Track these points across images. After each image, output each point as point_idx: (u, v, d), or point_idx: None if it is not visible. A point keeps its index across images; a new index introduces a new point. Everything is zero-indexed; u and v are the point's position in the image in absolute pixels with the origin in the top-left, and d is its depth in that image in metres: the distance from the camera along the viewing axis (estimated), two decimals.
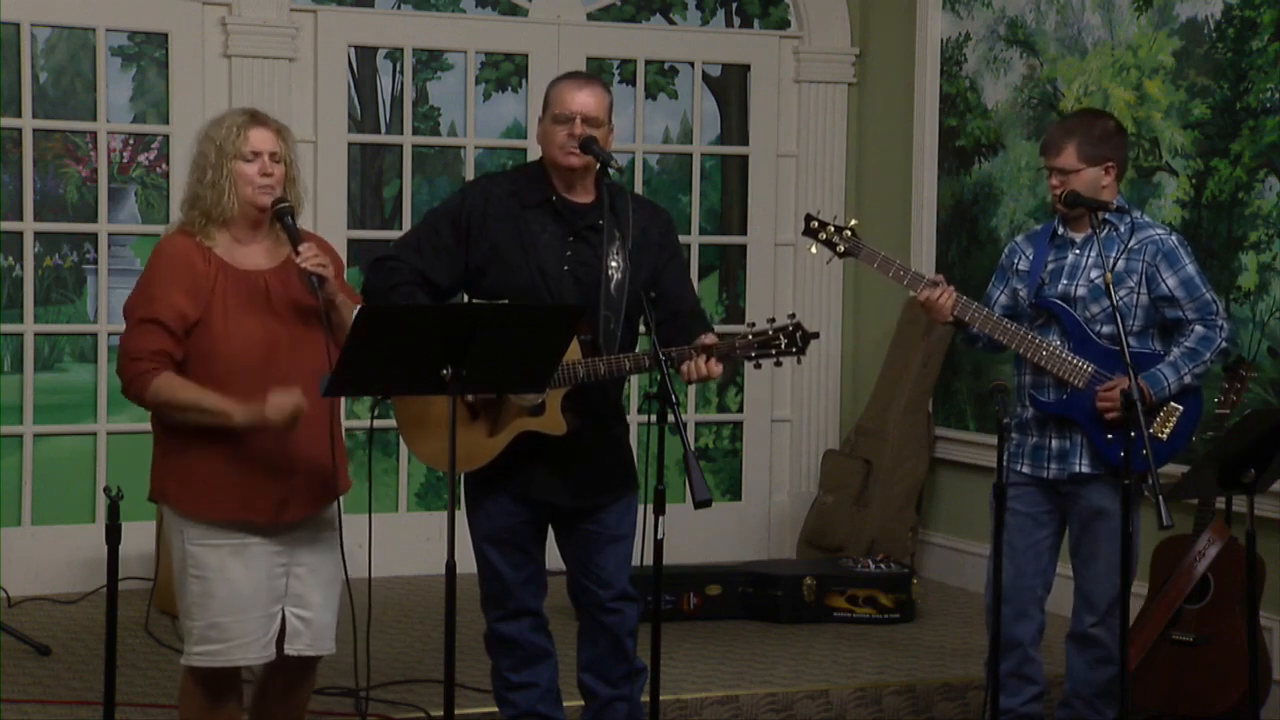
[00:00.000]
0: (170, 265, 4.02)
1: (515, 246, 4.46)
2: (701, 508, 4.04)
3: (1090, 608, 4.91)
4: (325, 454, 4.07)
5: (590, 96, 4.45)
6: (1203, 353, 4.80)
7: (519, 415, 4.43)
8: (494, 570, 4.58)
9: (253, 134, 4.03)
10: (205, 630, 4.02)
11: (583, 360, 4.35)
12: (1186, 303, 4.81)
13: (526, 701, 4.65)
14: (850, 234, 4.92)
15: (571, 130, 4.41)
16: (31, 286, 6.71)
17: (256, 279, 4.05)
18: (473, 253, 4.49)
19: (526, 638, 4.62)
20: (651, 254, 4.53)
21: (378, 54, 7.21)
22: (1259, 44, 5.80)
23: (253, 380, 3.95)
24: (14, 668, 5.52)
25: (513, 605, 4.59)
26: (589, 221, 4.49)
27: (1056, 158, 4.85)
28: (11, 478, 6.69)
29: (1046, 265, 4.92)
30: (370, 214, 7.20)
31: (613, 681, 4.63)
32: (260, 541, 4.03)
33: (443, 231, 4.50)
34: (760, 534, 7.72)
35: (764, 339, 4.33)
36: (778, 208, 7.68)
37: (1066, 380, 4.81)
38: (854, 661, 5.95)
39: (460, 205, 4.54)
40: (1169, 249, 4.84)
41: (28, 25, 6.66)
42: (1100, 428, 4.78)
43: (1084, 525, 4.90)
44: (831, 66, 7.71)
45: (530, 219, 4.49)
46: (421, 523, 7.18)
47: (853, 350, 7.75)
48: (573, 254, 4.47)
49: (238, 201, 4.03)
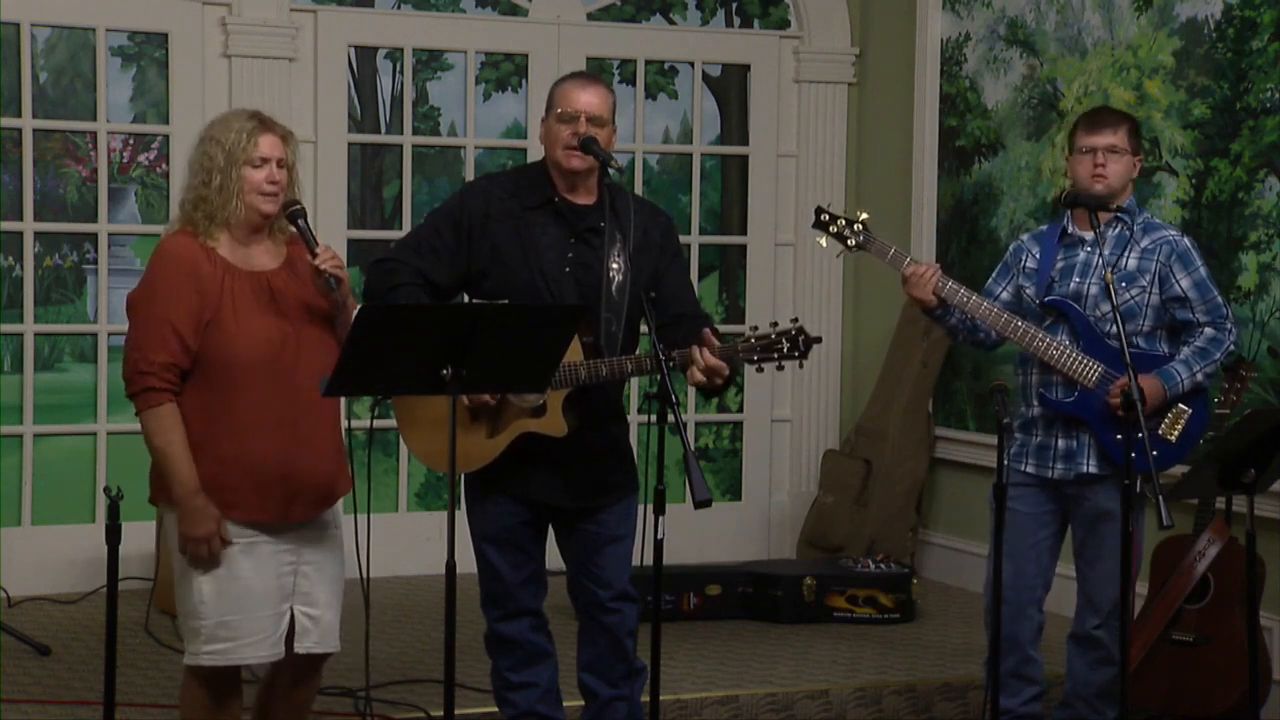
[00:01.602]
0: (177, 266, 4.02)
1: (516, 248, 4.46)
2: (701, 508, 4.03)
3: (1094, 609, 4.91)
4: (330, 455, 4.11)
5: (595, 96, 4.44)
6: (1213, 353, 4.80)
7: (519, 416, 4.43)
8: (494, 570, 4.57)
9: (262, 140, 4.05)
10: (214, 629, 4.02)
11: (585, 362, 4.35)
12: (1198, 304, 4.81)
13: (526, 701, 4.64)
14: (862, 227, 4.89)
15: (575, 129, 4.41)
16: (31, 286, 6.71)
17: (261, 279, 4.07)
18: (474, 254, 4.47)
19: (526, 638, 4.62)
20: (652, 255, 4.52)
21: (378, 54, 7.21)
22: (1259, 44, 5.80)
23: (263, 380, 3.98)
24: (14, 668, 5.52)
25: (512, 605, 4.59)
26: (590, 223, 4.48)
27: (1113, 135, 4.82)
28: (11, 478, 6.69)
29: (1056, 264, 4.91)
30: (370, 214, 7.20)
31: (613, 681, 4.63)
32: (267, 540, 4.04)
33: (443, 232, 4.49)
34: (760, 534, 7.72)
35: (766, 342, 4.30)
36: (778, 208, 7.68)
37: (1076, 380, 4.81)
38: (854, 661, 5.95)
39: (460, 206, 4.52)
40: (1183, 250, 4.84)
41: (28, 25, 6.66)
42: (1109, 428, 4.76)
43: (1089, 527, 4.89)
44: (831, 66, 7.71)
45: (532, 220, 4.48)
46: (421, 523, 7.18)
47: (853, 350, 7.75)
48: (574, 256, 4.46)
49: (244, 207, 4.04)
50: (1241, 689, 5.08)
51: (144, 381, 3.95)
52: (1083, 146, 4.84)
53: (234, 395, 3.97)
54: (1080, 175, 4.85)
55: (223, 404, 3.99)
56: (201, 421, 3.98)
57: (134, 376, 3.97)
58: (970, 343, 5.05)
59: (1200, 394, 4.83)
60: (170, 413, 3.96)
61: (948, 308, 4.87)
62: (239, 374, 3.97)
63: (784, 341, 4.29)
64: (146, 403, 3.96)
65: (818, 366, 7.69)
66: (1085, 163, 4.83)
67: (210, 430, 3.98)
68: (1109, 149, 4.81)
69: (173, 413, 3.96)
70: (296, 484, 4.04)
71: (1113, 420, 4.73)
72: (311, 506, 4.10)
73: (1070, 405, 4.83)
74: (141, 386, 3.95)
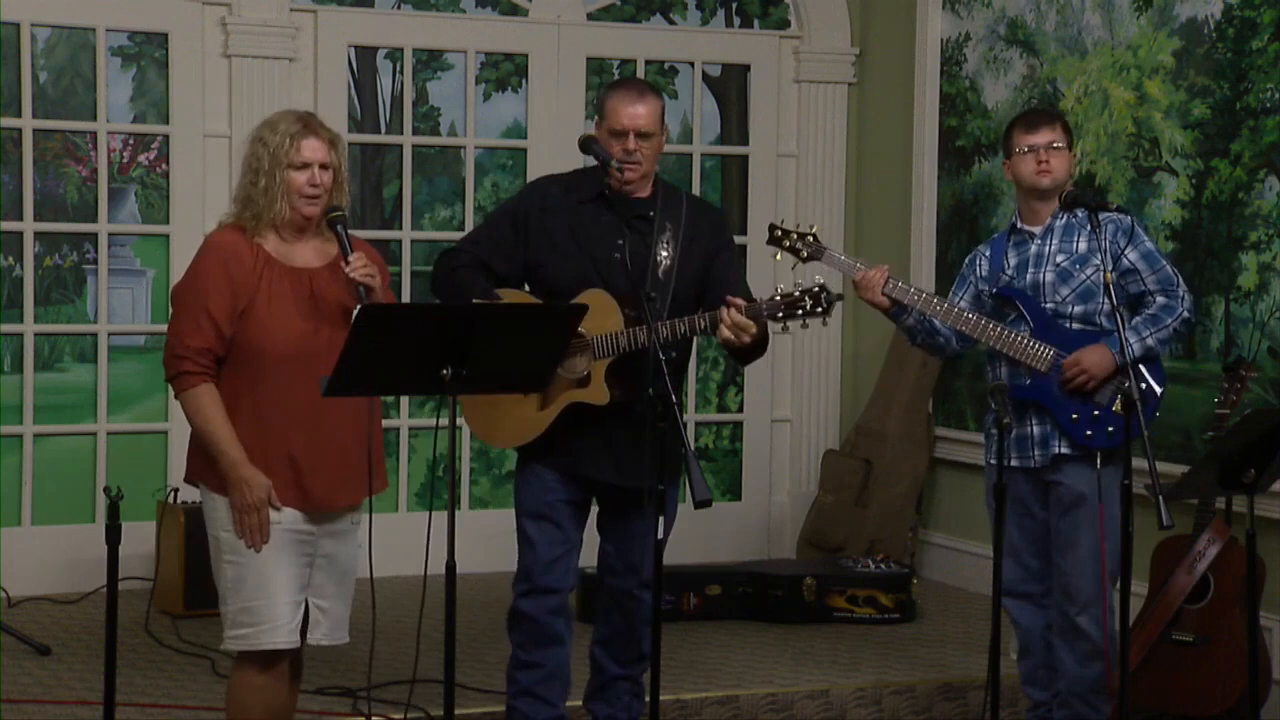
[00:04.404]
0: (217, 256, 4.11)
1: (569, 238, 4.66)
2: (701, 508, 4.09)
3: (1069, 598, 4.91)
4: (361, 450, 4.16)
5: (642, 107, 4.64)
6: (1164, 319, 4.84)
7: (568, 387, 4.57)
8: (529, 543, 4.72)
9: (305, 144, 4.12)
10: (237, 614, 4.10)
11: (624, 330, 4.52)
12: (1148, 275, 4.87)
13: (527, 680, 4.77)
14: (813, 239, 5.00)
15: (625, 145, 4.61)
16: (31, 286, 6.71)
17: (303, 276, 4.15)
18: (531, 247, 4.69)
19: (544, 618, 4.73)
20: (701, 245, 4.71)
21: (378, 54, 7.21)
22: (1259, 44, 5.80)
23: (290, 372, 4.05)
24: (14, 668, 5.52)
25: (538, 581, 4.72)
26: (640, 211, 4.68)
27: (1050, 131, 4.91)
28: (11, 478, 6.69)
29: (1009, 261, 4.98)
30: (370, 214, 7.20)
31: (622, 662, 4.82)
32: (288, 529, 4.09)
33: (502, 227, 4.75)
34: (760, 534, 7.72)
35: (790, 300, 4.47)
36: (778, 208, 7.67)
37: (1030, 365, 4.85)
38: (854, 661, 5.95)
39: (519, 204, 4.80)
40: (1128, 227, 4.91)
41: (28, 25, 6.66)
42: (1065, 407, 4.82)
43: (1064, 513, 4.90)
44: (831, 66, 7.71)
45: (585, 212, 4.69)
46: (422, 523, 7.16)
47: (853, 350, 7.75)
48: (625, 242, 4.62)
49: (288, 209, 4.13)
50: (1241, 689, 5.08)
51: (180, 365, 4.06)
52: (1023, 146, 4.92)
53: (261, 384, 4.07)
54: (1024, 174, 4.93)
55: (250, 391, 4.07)
56: (228, 407, 4.07)
57: (171, 360, 4.09)
58: (929, 347, 5.09)
59: (1153, 362, 4.85)
60: (208, 392, 4.07)
61: (903, 308, 4.94)
62: (268, 364, 4.06)
63: (807, 299, 4.47)
64: (183, 385, 4.07)
65: (817, 366, 7.70)
66: (1028, 161, 4.91)
67: (235, 416, 4.07)
68: (1049, 145, 4.90)
69: (210, 392, 4.07)
70: (316, 476, 4.10)
71: (1067, 400, 4.81)
72: (338, 499, 4.16)
73: (1027, 390, 4.86)
74: (177, 370, 4.07)
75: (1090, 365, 4.78)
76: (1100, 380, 4.78)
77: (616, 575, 4.77)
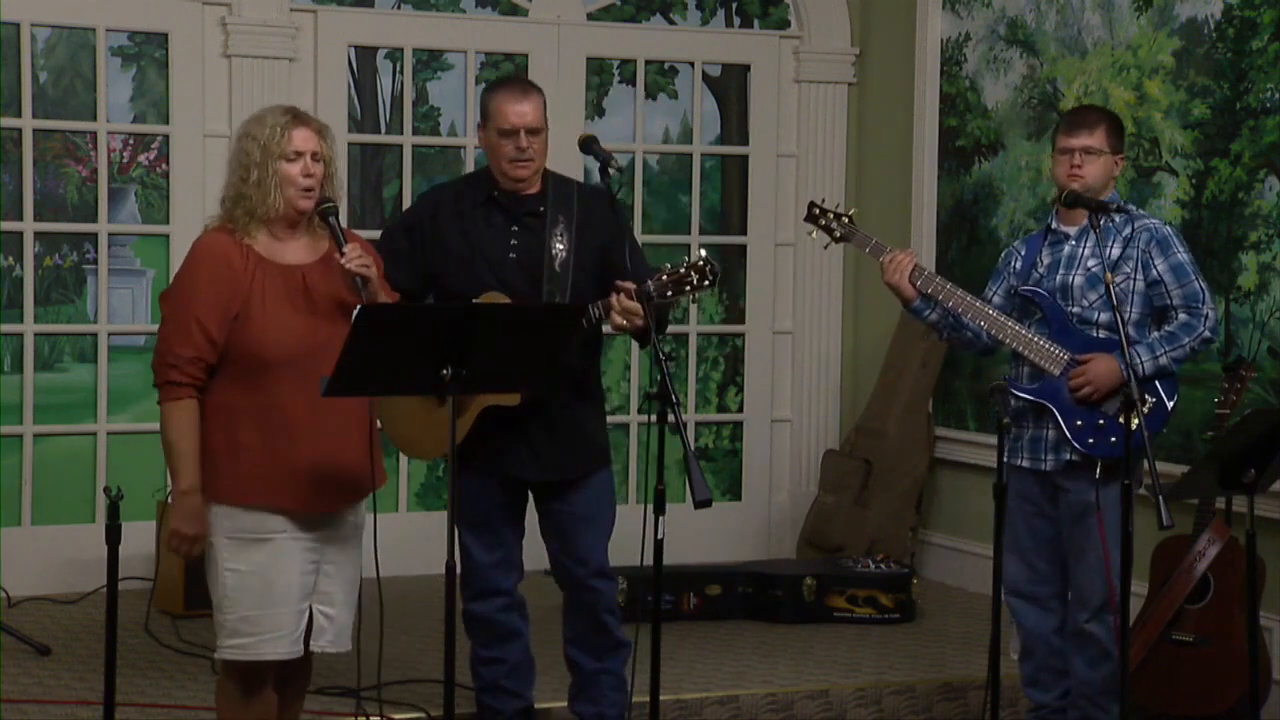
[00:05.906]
0: (207, 261, 4.07)
1: (463, 244, 4.73)
2: (701, 508, 4.08)
3: (1082, 604, 4.91)
4: (360, 450, 4.14)
5: (528, 106, 4.69)
6: (1181, 338, 4.81)
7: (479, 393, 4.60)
8: (467, 552, 4.80)
9: (295, 134, 4.08)
10: (236, 624, 4.06)
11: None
12: (1174, 288, 4.84)
13: (491, 675, 4.93)
14: (848, 220, 5.04)
15: (517, 143, 4.67)
16: (31, 286, 6.71)
17: (295, 274, 4.11)
18: (427, 256, 4.77)
19: (496, 617, 4.87)
20: (595, 231, 4.74)
21: (378, 54, 7.21)
22: (1259, 44, 5.80)
23: (290, 372, 4.02)
24: (14, 668, 5.52)
25: (483, 586, 4.85)
26: (531, 209, 4.74)
27: (1089, 136, 4.87)
28: (11, 478, 6.69)
29: (1042, 260, 4.96)
30: (370, 214, 7.19)
31: (597, 655, 4.87)
32: (292, 538, 4.07)
33: (398, 240, 4.83)
34: (760, 534, 7.71)
35: (676, 276, 4.48)
36: (778, 208, 7.68)
37: (1042, 367, 4.84)
38: (854, 661, 5.95)
39: (412, 216, 4.91)
40: (1163, 237, 4.89)
41: (28, 25, 6.66)
42: (1071, 413, 4.81)
43: (1074, 520, 4.90)
44: (831, 66, 7.71)
45: (475, 216, 4.76)
46: (422, 523, 7.18)
47: (853, 350, 7.75)
48: (517, 241, 4.72)
49: (283, 201, 4.08)
50: (1241, 689, 5.08)
51: (168, 374, 4.03)
52: (1061, 147, 4.92)
53: (261, 386, 4.03)
54: (1058, 175, 4.94)
55: (250, 394, 4.04)
56: (229, 411, 4.04)
57: (160, 368, 4.06)
58: (958, 341, 5.08)
59: (1167, 378, 4.84)
60: (187, 409, 4.04)
61: (928, 301, 4.95)
62: (267, 366, 4.03)
63: (693, 274, 4.48)
64: (167, 395, 4.05)
65: (817, 366, 7.70)
66: (1063, 163, 4.91)
67: (237, 420, 4.03)
68: (1084, 150, 4.87)
69: (191, 409, 4.04)
70: (321, 476, 4.08)
71: (1074, 407, 4.80)
72: (337, 499, 4.13)
73: (1035, 392, 4.86)
74: (165, 379, 4.04)
75: (1095, 377, 4.77)
76: (1105, 392, 4.76)
77: (567, 571, 4.83)
